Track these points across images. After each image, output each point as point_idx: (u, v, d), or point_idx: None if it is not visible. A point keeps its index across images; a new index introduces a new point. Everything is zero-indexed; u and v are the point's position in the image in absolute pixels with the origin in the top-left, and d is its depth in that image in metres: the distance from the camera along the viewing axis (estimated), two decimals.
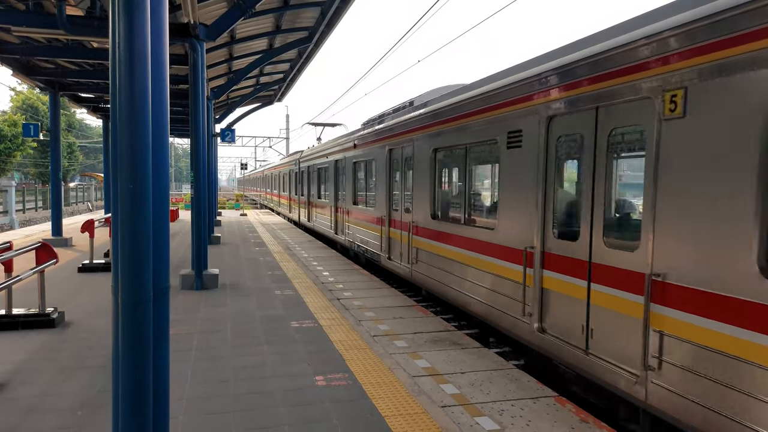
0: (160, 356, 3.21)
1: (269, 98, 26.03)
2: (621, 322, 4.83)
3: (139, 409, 3.05)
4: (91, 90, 17.47)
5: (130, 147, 2.95)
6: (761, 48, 3.62)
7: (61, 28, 9.52)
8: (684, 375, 4.15)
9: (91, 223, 12.08)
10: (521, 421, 4.66)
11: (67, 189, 43.84)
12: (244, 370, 5.79)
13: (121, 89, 2.93)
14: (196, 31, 9.95)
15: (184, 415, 4.65)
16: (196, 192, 10.37)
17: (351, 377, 5.59)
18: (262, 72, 20.22)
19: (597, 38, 5.27)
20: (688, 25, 4.15)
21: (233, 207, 44.00)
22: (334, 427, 4.47)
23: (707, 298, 3.99)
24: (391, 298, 9.49)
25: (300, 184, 23.74)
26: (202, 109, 10.60)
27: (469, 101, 7.64)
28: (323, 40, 15.46)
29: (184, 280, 10.12)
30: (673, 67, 4.30)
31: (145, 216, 3.01)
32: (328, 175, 17.68)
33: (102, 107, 20.74)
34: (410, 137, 10.11)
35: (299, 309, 8.54)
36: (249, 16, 10.90)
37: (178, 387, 5.24)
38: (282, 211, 32.78)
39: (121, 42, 2.90)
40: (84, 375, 5.60)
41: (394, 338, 7.08)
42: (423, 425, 4.50)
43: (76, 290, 9.76)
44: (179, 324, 7.56)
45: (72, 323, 7.59)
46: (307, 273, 11.88)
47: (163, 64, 3.19)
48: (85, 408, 4.80)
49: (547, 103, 5.87)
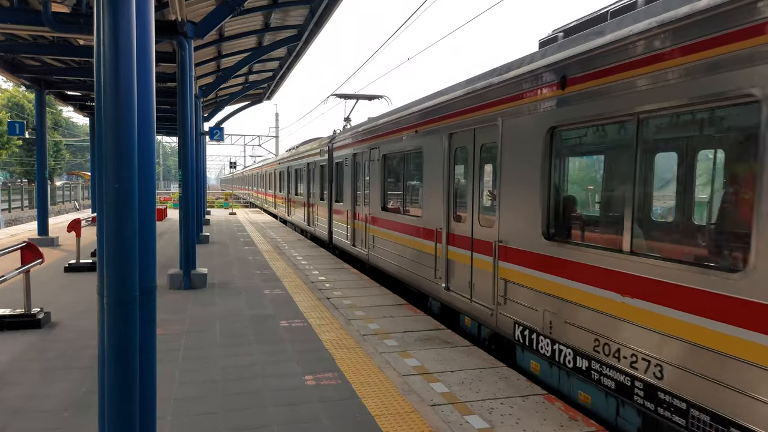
0: (146, 356, 3.18)
1: (258, 96, 25.90)
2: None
3: (126, 409, 3.02)
4: (77, 88, 17.30)
5: (116, 145, 2.91)
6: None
7: (46, 25, 9.39)
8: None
9: (78, 223, 11.95)
10: (511, 419, 4.68)
11: (54, 188, 43.43)
12: (233, 370, 5.75)
13: (106, 87, 2.90)
14: (184, 29, 9.87)
15: (172, 416, 4.61)
16: (185, 190, 10.30)
17: (341, 376, 5.58)
18: (251, 70, 20.11)
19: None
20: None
21: (222, 206, 43.78)
22: (324, 426, 4.45)
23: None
24: (381, 297, 9.48)
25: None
26: (190, 108, 10.53)
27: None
28: (312, 38, 15.40)
29: (172, 279, 10.04)
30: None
31: (130, 215, 2.97)
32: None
33: (89, 105, 20.54)
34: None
35: (289, 308, 8.51)
36: (238, 14, 10.84)
37: (166, 387, 5.20)
38: (269, 209, 35.56)
39: (106, 39, 2.86)
40: (70, 376, 5.54)
41: (383, 337, 7.07)
42: (413, 424, 4.50)
43: (63, 290, 9.66)
44: (167, 324, 7.51)
45: (58, 323, 7.50)
46: (296, 272, 11.84)
47: (149, 61, 3.16)
48: (71, 409, 4.74)
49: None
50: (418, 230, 9.13)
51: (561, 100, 5.38)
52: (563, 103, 5.34)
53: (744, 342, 3.56)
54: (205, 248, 15.66)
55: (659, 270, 4.23)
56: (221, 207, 42.61)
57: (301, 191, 21.17)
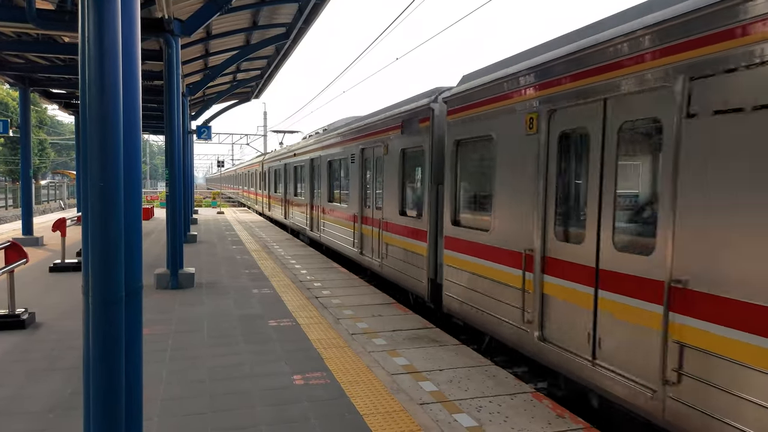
0: (132, 357, 3.15)
1: (246, 95, 25.77)
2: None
3: (112, 411, 2.99)
4: (62, 86, 17.09)
5: (101, 144, 2.88)
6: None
7: (30, 22, 9.26)
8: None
9: (63, 222, 11.82)
10: (499, 417, 4.70)
11: (39, 187, 42.88)
12: (220, 370, 5.72)
13: (91, 85, 2.86)
14: (171, 27, 9.79)
15: (159, 417, 4.58)
16: (172, 189, 10.23)
17: (329, 376, 5.57)
18: (239, 68, 20.01)
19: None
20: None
21: (210, 205, 43.52)
22: (312, 426, 4.44)
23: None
24: (370, 296, 9.48)
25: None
26: (178, 106, 10.45)
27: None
28: (301, 37, 15.35)
29: (159, 279, 9.97)
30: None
31: (116, 214, 2.94)
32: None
33: (74, 103, 20.31)
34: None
35: (277, 308, 8.48)
36: (225, 12, 10.77)
37: (153, 388, 5.16)
38: (254, 206, 37.35)
39: (91, 36, 2.83)
40: (56, 377, 5.48)
41: (372, 336, 7.07)
42: (402, 423, 4.50)
43: (48, 290, 9.55)
44: (154, 324, 7.45)
45: (43, 324, 7.42)
46: (285, 271, 11.80)
47: (135, 59, 3.13)
48: (56, 411, 4.69)
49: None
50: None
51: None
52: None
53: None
54: (192, 247, 15.56)
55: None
56: (209, 206, 42.36)
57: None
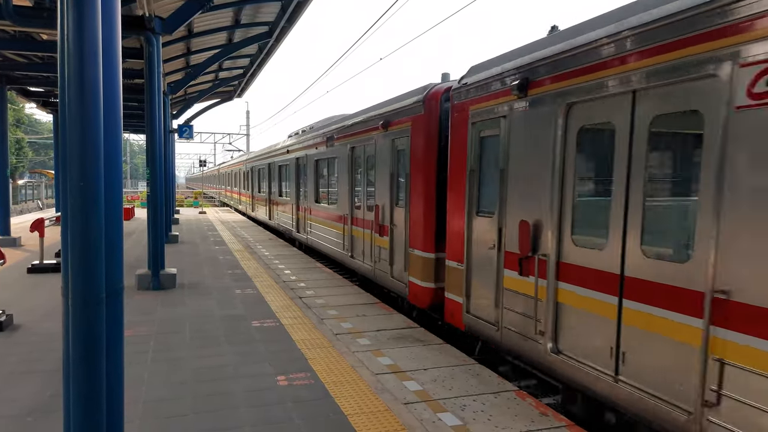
0: (113, 359, 3.11)
1: (229, 94, 25.55)
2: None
3: (92, 413, 2.95)
4: (40, 84, 16.83)
5: (81, 143, 2.84)
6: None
7: (7, 19, 9.10)
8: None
9: (41, 222, 11.62)
10: (483, 415, 4.72)
11: (16, 186, 42.11)
12: (203, 372, 5.67)
13: (70, 84, 2.82)
14: (152, 24, 9.68)
15: (141, 419, 4.52)
16: (153, 189, 10.12)
17: (313, 376, 5.55)
18: (221, 67, 19.83)
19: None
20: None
21: (192, 204, 43.11)
22: (297, 426, 4.43)
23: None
24: (354, 295, 9.47)
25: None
26: (159, 105, 10.34)
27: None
28: (284, 36, 15.26)
29: (140, 280, 9.85)
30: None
31: (96, 214, 2.90)
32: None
33: (52, 102, 19.98)
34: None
35: (260, 308, 8.43)
36: (207, 10, 10.67)
37: (135, 390, 5.10)
38: (237, 206, 37.01)
39: (70, 34, 2.79)
40: (34, 380, 5.39)
41: (357, 336, 7.06)
42: (386, 423, 4.51)
43: (26, 292, 9.39)
44: (135, 325, 7.36)
45: (21, 326, 7.29)
46: (268, 271, 11.74)
47: (116, 57, 3.08)
48: (35, 414, 4.61)
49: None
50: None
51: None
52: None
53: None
54: (174, 248, 15.41)
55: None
56: (191, 206, 41.95)
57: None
